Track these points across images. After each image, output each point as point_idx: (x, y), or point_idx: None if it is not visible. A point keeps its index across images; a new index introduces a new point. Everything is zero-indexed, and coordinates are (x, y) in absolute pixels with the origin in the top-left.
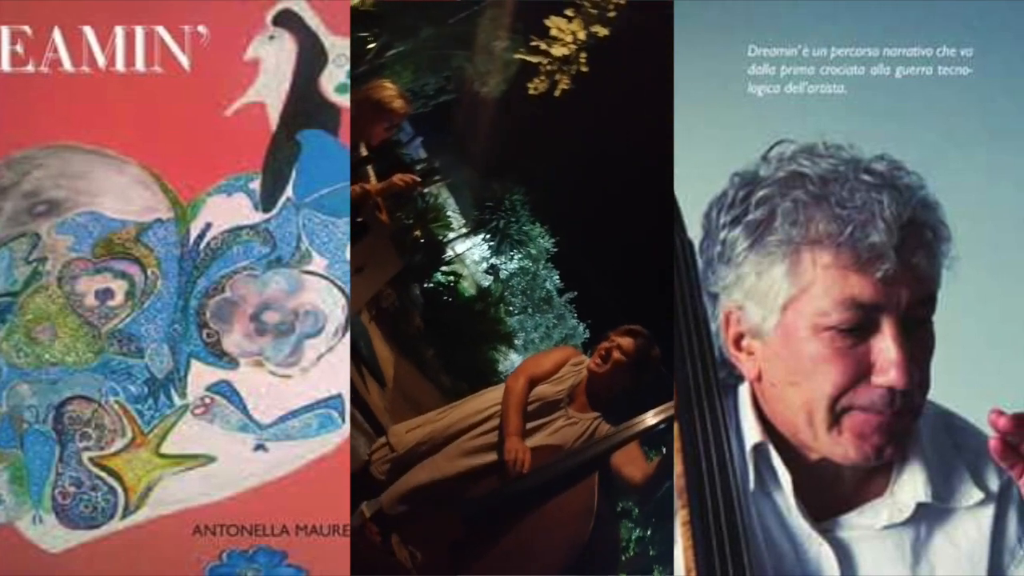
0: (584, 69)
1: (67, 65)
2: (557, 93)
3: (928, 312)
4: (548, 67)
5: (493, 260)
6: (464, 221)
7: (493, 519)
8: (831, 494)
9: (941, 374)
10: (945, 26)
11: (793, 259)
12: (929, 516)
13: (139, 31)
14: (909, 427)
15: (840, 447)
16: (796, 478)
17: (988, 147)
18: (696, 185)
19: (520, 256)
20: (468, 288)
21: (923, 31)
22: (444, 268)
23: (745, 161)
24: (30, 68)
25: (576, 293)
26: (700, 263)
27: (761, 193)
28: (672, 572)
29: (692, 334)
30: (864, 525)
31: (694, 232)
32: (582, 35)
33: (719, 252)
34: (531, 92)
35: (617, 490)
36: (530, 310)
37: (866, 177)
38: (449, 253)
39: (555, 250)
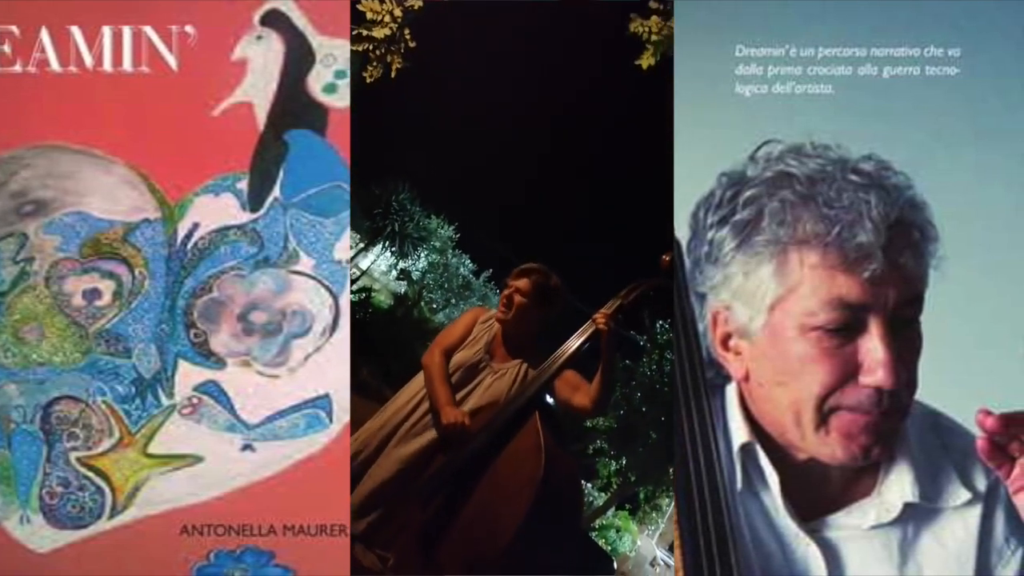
0: (412, 44)
1: (55, 65)
2: (393, 75)
3: (915, 312)
4: (377, 51)
5: (401, 264)
6: (359, 236)
7: (451, 492)
8: (818, 494)
9: (928, 374)
10: (933, 26)
11: (780, 259)
12: (917, 516)
13: (126, 31)
14: (896, 427)
15: (827, 447)
16: (783, 478)
17: (976, 147)
18: (684, 185)
19: (426, 252)
20: (384, 299)
21: (911, 31)
22: (353, 288)
23: (733, 161)
24: (17, 68)
25: (492, 270)
26: (688, 263)
27: (748, 193)
28: (653, 486)
29: (680, 334)
30: (852, 525)
31: (682, 232)
32: (398, 11)
33: (707, 252)
34: (367, 80)
35: (574, 420)
36: (453, 300)
37: (853, 177)
38: (354, 271)
39: (458, 235)
